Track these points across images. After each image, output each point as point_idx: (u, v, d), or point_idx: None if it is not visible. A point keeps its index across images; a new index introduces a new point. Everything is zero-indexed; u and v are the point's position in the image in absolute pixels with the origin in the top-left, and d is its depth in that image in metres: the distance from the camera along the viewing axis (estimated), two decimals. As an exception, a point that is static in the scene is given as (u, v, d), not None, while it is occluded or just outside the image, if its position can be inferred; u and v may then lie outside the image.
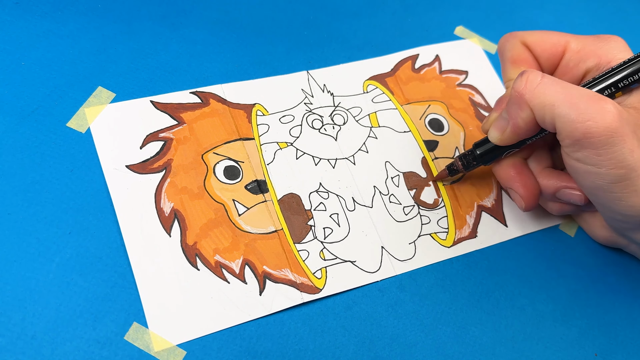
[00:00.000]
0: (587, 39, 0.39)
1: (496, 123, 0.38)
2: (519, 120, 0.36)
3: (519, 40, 0.41)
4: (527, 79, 0.35)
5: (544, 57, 0.40)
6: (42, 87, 0.41)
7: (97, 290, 0.36)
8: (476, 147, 0.41)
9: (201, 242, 0.38)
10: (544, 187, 0.40)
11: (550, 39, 0.40)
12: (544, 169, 0.40)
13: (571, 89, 0.34)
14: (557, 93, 0.34)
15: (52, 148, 0.39)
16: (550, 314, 0.41)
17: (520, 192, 0.40)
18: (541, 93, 0.34)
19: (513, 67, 0.40)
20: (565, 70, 0.40)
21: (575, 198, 0.39)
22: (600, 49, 0.38)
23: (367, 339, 0.38)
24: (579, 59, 0.39)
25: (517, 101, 0.36)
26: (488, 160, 0.41)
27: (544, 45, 0.40)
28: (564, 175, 0.40)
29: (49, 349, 0.34)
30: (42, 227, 0.37)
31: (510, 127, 0.37)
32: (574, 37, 0.40)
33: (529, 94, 0.35)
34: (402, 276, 0.40)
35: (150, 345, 0.35)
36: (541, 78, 0.35)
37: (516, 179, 0.40)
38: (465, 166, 0.42)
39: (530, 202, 0.40)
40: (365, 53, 0.49)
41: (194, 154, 0.41)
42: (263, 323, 0.37)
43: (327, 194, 0.42)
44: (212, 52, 0.46)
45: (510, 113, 0.37)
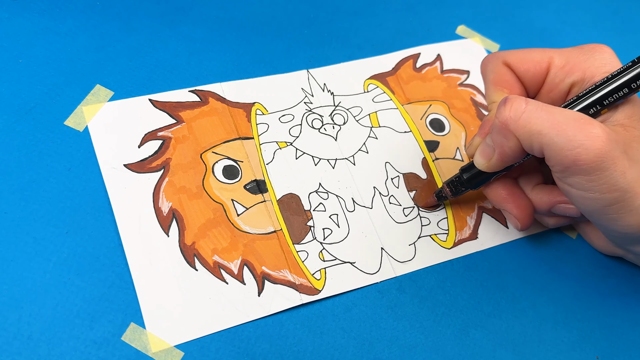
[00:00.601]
0: (571, 52, 0.38)
1: (482, 150, 0.38)
2: (505, 149, 0.35)
3: (500, 61, 0.39)
4: (510, 107, 0.34)
5: (528, 76, 0.39)
6: (40, 85, 0.41)
7: (94, 290, 0.36)
8: (463, 172, 0.40)
9: (199, 242, 0.38)
10: (537, 205, 0.40)
11: (533, 57, 0.39)
12: (536, 186, 0.40)
13: (557, 115, 0.33)
14: (544, 120, 0.33)
15: (49, 146, 0.39)
16: (551, 317, 0.41)
17: (514, 213, 0.39)
18: (526, 122, 0.34)
19: (496, 90, 0.39)
20: (551, 87, 0.39)
21: (572, 212, 0.39)
22: (584, 62, 0.37)
23: (367, 341, 0.38)
24: (564, 74, 0.38)
25: (501, 131, 0.35)
26: (476, 185, 0.40)
27: (526, 65, 0.39)
28: (557, 190, 0.39)
29: (45, 350, 0.34)
30: (39, 226, 0.37)
31: (496, 155, 0.36)
32: (557, 52, 0.39)
33: (513, 123, 0.34)
34: (402, 278, 0.40)
35: (148, 346, 0.35)
36: (525, 105, 0.34)
37: (508, 199, 0.39)
38: (453, 192, 0.41)
39: (525, 222, 0.39)
40: (366, 52, 0.49)
41: (193, 153, 0.41)
42: (261, 324, 0.37)
43: (326, 195, 0.42)
44: (211, 50, 0.46)
45: (496, 142, 0.36)
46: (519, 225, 0.40)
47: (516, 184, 0.40)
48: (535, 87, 0.39)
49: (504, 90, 0.39)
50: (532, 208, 0.40)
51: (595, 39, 0.55)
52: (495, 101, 0.39)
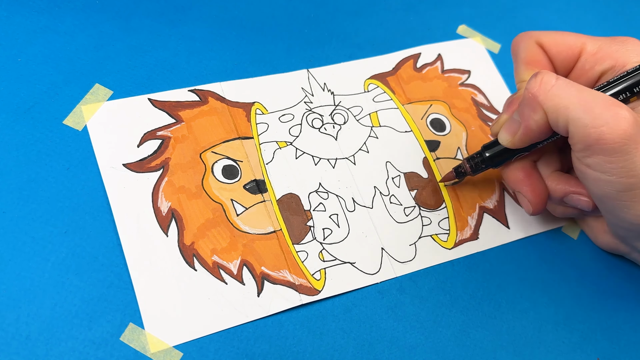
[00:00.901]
0: (604, 41, 0.39)
1: (507, 125, 0.38)
2: (531, 123, 0.36)
3: (534, 41, 0.40)
4: (541, 80, 0.35)
5: (560, 58, 0.39)
6: (39, 84, 0.41)
7: (92, 290, 0.36)
8: (485, 150, 0.40)
9: (199, 242, 0.38)
10: (552, 191, 0.40)
11: (567, 40, 0.39)
12: (553, 173, 0.40)
13: (586, 93, 0.34)
14: (572, 96, 0.34)
15: (48, 146, 0.39)
16: (552, 317, 0.41)
17: (529, 197, 0.39)
18: (555, 95, 0.34)
19: (527, 68, 0.40)
20: (581, 73, 0.39)
21: (583, 204, 0.39)
22: (616, 52, 0.38)
23: (367, 342, 0.38)
24: (595, 61, 0.38)
25: (530, 103, 0.35)
26: (497, 164, 0.40)
27: (559, 47, 0.39)
28: (573, 180, 0.39)
29: (43, 350, 0.34)
30: (37, 225, 0.37)
31: (522, 129, 0.37)
32: (590, 39, 0.39)
33: (542, 95, 0.34)
34: (402, 278, 0.40)
35: (147, 346, 0.35)
36: (556, 80, 0.34)
37: (525, 182, 0.40)
38: (473, 169, 0.41)
39: (538, 206, 0.40)
40: (366, 51, 0.49)
41: (192, 153, 0.41)
42: (261, 325, 0.37)
43: (326, 194, 0.42)
44: (211, 49, 0.46)
45: (523, 115, 0.36)
46: (530, 210, 0.40)
47: (535, 167, 0.40)
48: (565, 70, 0.40)
49: (534, 70, 0.39)
50: (546, 194, 0.40)
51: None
52: (524, 80, 0.39)
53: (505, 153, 0.40)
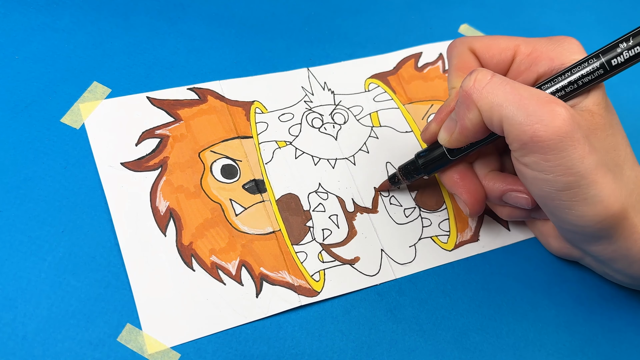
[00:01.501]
0: (539, 41, 0.38)
1: (445, 124, 0.37)
2: (466, 122, 0.35)
3: (466, 47, 0.39)
4: (475, 77, 0.34)
5: (493, 63, 0.39)
6: (36, 82, 0.41)
7: (90, 290, 0.36)
8: (418, 157, 0.40)
9: (197, 242, 0.38)
10: (489, 191, 0.39)
11: (499, 43, 0.39)
12: (490, 172, 0.39)
13: (521, 90, 0.33)
14: (506, 93, 0.33)
15: (45, 144, 0.39)
16: (553, 320, 0.41)
17: (464, 198, 0.39)
18: (489, 93, 0.33)
19: (457, 75, 0.39)
20: (516, 75, 0.38)
21: (522, 201, 0.38)
22: (552, 51, 0.37)
23: (365, 344, 0.38)
24: (530, 62, 0.37)
25: (464, 101, 0.34)
26: (431, 171, 0.40)
27: (492, 51, 0.39)
28: (510, 178, 0.39)
29: (40, 350, 0.34)
30: (34, 225, 0.37)
31: (457, 128, 0.36)
32: (524, 40, 0.38)
33: (476, 93, 0.34)
34: (402, 280, 0.40)
35: (144, 347, 0.35)
36: (491, 77, 0.34)
37: (459, 184, 0.39)
38: (407, 177, 0.41)
39: (474, 207, 0.39)
40: (367, 50, 0.49)
41: (191, 152, 0.41)
42: (259, 326, 0.37)
43: (326, 195, 0.42)
44: (210, 47, 0.46)
45: (458, 114, 0.35)
46: (467, 210, 0.39)
47: (470, 168, 0.40)
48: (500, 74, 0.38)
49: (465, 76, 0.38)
50: (483, 194, 0.39)
51: (600, 39, 0.55)
52: (455, 87, 0.39)
53: (437, 160, 0.39)
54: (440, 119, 0.38)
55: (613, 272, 0.39)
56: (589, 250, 0.37)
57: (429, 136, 0.39)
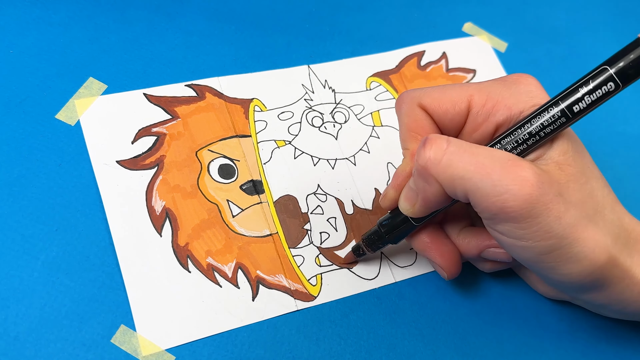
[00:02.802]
0: (492, 87, 0.35)
1: (405, 194, 0.35)
2: (428, 194, 0.33)
3: (415, 104, 0.36)
4: (430, 148, 0.32)
5: (447, 119, 0.36)
6: (31, 77, 0.41)
7: (83, 290, 0.36)
8: (381, 226, 0.38)
9: (193, 243, 0.38)
10: (464, 250, 0.38)
11: (450, 96, 0.36)
12: (462, 230, 0.38)
13: (481, 157, 0.31)
14: (466, 163, 0.31)
15: (39, 141, 0.39)
16: (555, 326, 0.41)
17: (438, 262, 0.37)
18: (448, 166, 0.31)
19: (410, 137, 0.36)
20: (474, 128, 0.36)
21: (502, 256, 0.37)
22: (508, 99, 0.34)
23: (364, 349, 0.38)
24: (487, 112, 0.35)
25: (422, 175, 0.32)
26: (397, 239, 0.38)
27: (444, 106, 0.36)
28: (485, 234, 0.37)
29: (32, 351, 0.34)
30: (27, 223, 0.37)
31: (420, 200, 0.34)
32: (477, 89, 0.35)
33: (434, 167, 0.32)
34: (402, 284, 0.40)
35: (138, 349, 0.35)
36: (447, 145, 0.32)
37: (432, 247, 0.37)
38: (373, 248, 0.38)
39: (451, 270, 0.37)
40: (369, 48, 0.49)
41: (188, 151, 0.41)
42: (256, 329, 0.37)
43: (325, 197, 0.42)
44: (209, 43, 0.46)
45: (418, 186, 0.33)
46: (445, 275, 0.38)
47: (440, 229, 0.38)
48: (455, 129, 0.36)
49: (418, 138, 0.36)
50: (457, 255, 0.38)
51: (607, 39, 0.55)
52: (408, 149, 0.36)
53: (401, 226, 0.37)
54: (398, 185, 0.36)
55: (608, 312, 0.38)
56: (581, 298, 0.36)
57: (388, 203, 0.37)
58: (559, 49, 0.53)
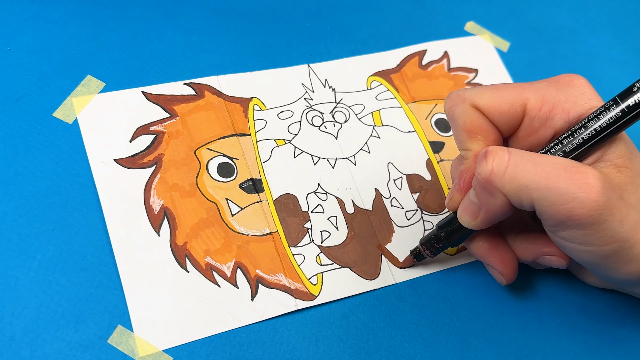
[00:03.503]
0: (547, 90, 0.35)
1: (466, 207, 0.36)
2: (492, 207, 0.33)
3: (469, 105, 0.36)
4: (492, 160, 0.32)
5: (503, 120, 0.36)
6: (28, 75, 0.41)
7: (80, 290, 0.36)
8: (440, 230, 0.38)
9: (191, 242, 0.38)
10: (521, 255, 0.38)
11: (505, 98, 0.36)
12: (519, 234, 0.38)
13: (545, 165, 0.32)
14: (531, 174, 0.31)
15: (36, 139, 0.39)
16: (557, 329, 0.41)
17: (499, 268, 0.38)
18: (513, 177, 0.32)
19: (469, 138, 0.36)
20: (530, 132, 0.36)
21: (557, 263, 0.38)
22: (565, 102, 0.35)
23: (363, 350, 0.38)
24: (544, 117, 0.35)
25: (486, 187, 0.33)
26: (457, 242, 0.38)
27: (500, 108, 0.35)
28: (541, 240, 0.38)
29: (28, 351, 0.34)
30: (24, 222, 0.37)
31: (483, 213, 0.34)
32: (531, 90, 0.35)
33: (498, 180, 0.32)
34: (402, 285, 0.40)
35: (135, 350, 0.35)
36: (509, 158, 0.32)
37: (492, 253, 0.38)
38: (432, 251, 0.39)
39: (510, 277, 0.38)
40: (370, 47, 0.49)
41: (187, 149, 0.41)
42: (254, 330, 0.37)
43: (325, 196, 0.42)
44: (208, 41, 0.46)
45: (481, 199, 0.34)
46: (503, 281, 0.38)
47: (498, 234, 0.39)
48: (510, 130, 0.37)
49: (478, 138, 0.36)
50: (516, 261, 0.38)
51: (610, 39, 0.55)
52: (470, 149, 0.36)
53: (462, 230, 0.37)
54: (464, 187, 0.36)
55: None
56: (634, 292, 0.38)
57: (455, 206, 0.37)
58: (561, 48, 0.53)
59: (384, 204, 0.43)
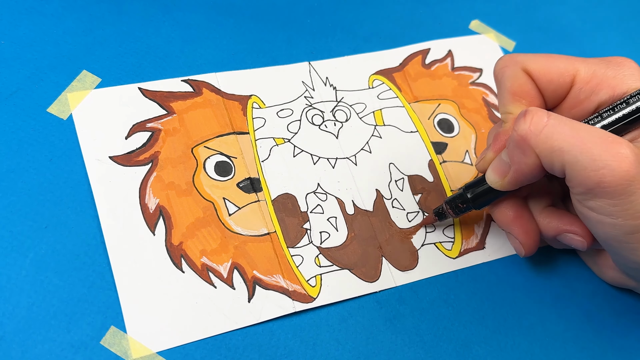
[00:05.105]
0: (598, 65, 0.37)
1: (496, 166, 0.37)
2: (523, 167, 0.35)
3: (519, 68, 0.38)
4: (531, 119, 0.33)
5: (550, 88, 0.38)
6: (23, 69, 0.41)
7: (73, 290, 0.36)
8: (467, 190, 0.39)
9: (187, 242, 0.38)
10: (544, 229, 0.39)
11: (557, 66, 0.37)
12: (545, 209, 0.39)
13: (582, 131, 0.33)
14: (567, 136, 0.32)
15: (30, 135, 0.40)
16: (561, 335, 0.41)
17: (520, 238, 0.39)
18: (548, 137, 0.33)
19: (513, 100, 0.38)
20: (575, 103, 0.38)
21: (578, 244, 0.38)
22: (613, 78, 0.36)
23: (362, 354, 0.38)
24: (590, 90, 0.37)
25: (520, 145, 0.34)
26: (481, 204, 0.39)
27: (550, 75, 0.38)
28: (567, 217, 0.38)
29: (18, 352, 0.34)
30: (16, 219, 0.37)
31: (512, 172, 0.35)
32: (583, 63, 0.37)
33: (534, 138, 0.33)
34: (403, 288, 0.40)
35: (128, 351, 0.35)
36: (547, 119, 0.33)
37: (516, 222, 0.39)
38: (455, 211, 0.40)
39: (530, 248, 0.39)
40: (372, 45, 0.49)
41: (184, 147, 0.41)
42: (251, 332, 0.37)
43: (325, 196, 0.42)
44: (207, 37, 0.46)
45: (513, 158, 0.35)
46: (522, 252, 0.39)
47: (524, 204, 0.39)
48: (556, 100, 0.38)
49: (522, 102, 0.38)
50: (538, 234, 0.39)
51: (618, 39, 0.55)
52: (511, 112, 0.38)
53: (489, 192, 0.38)
54: (499, 148, 0.38)
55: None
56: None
57: (486, 166, 0.38)
58: (568, 48, 0.53)
59: (385, 205, 0.43)
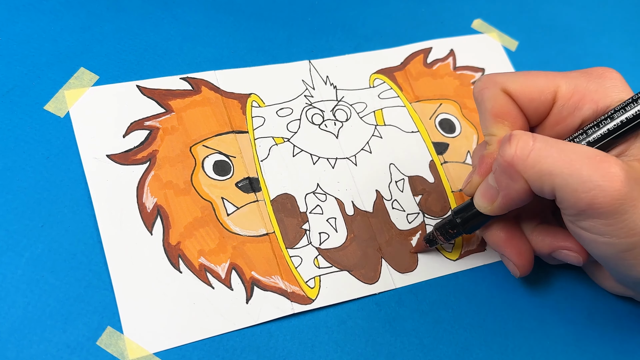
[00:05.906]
0: (578, 79, 0.37)
1: (483, 191, 0.36)
2: (511, 192, 0.34)
3: (499, 89, 0.37)
4: (517, 145, 0.33)
5: (532, 107, 0.37)
6: (19, 66, 0.41)
7: (69, 289, 0.36)
8: (456, 215, 0.39)
9: (185, 242, 0.38)
10: (537, 247, 0.39)
11: (536, 84, 0.37)
12: (537, 227, 0.39)
13: (569, 152, 0.32)
14: (555, 159, 0.32)
15: (27, 132, 0.40)
16: (562, 338, 0.41)
17: (514, 260, 0.38)
18: (536, 162, 0.32)
19: (496, 122, 0.37)
20: (558, 120, 0.37)
21: (573, 260, 0.38)
22: (595, 92, 0.36)
23: (361, 357, 0.38)
24: (573, 106, 0.36)
25: (507, 171, 0.34)
26: (472, 229, 0.39)
27: (530, 94, 0.37)
28: (560, 233, 0.38)
29: (13, 352, 0.34)
30: (12, 218, 0.37)
31: (501, 198, 0.35)
32: (563, 78, 0.37)
33: (521, 163, 0.33)
34: (402, 290, 0.40)
35: (125, 352, 0.35)
36: (533, 142, 0.33)
37: (507, 244, 0.38)
38: (446, 237, 0.40)
39: (524, 269, 0.39)
40: (373, 44, 0.49)
41: (182, 146, 0.41)
42: (248, 334, 0.37)
43: (324, 196, 0.42)
44: (206, 35, 0.46)
45: (501, 183, 0.34)
46: (517, 273, 0.39)
47: (516, 224, 0.39)
48: (539, 118, 0.38)
49: (504, 123, 0.37)
50: (532, 254, 0.39)
51: (622, 39, 0.55)
52: (494, 134, 0.37)
53: (479, 216, 0.38)
54: (485, 172, 0.37)
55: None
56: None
57: (473, 190, 0.38)
58: (572, 48, 0.53)
59: (385, 206, 0.43)
